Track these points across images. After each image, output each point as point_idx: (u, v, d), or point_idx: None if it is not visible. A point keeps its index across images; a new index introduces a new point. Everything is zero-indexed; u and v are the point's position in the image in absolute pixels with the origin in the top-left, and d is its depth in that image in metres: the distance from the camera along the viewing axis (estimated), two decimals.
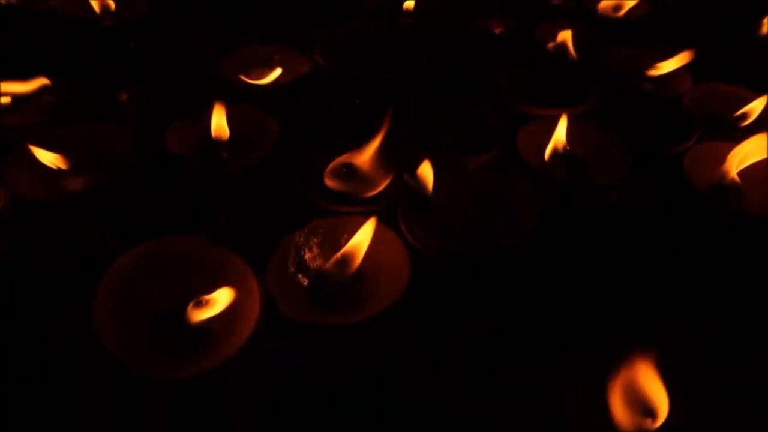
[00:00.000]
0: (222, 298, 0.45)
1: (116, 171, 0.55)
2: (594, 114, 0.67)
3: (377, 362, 0.46)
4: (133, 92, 0.63)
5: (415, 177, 0.53)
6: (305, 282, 0.50)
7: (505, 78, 0.70)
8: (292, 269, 0.50)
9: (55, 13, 0.81)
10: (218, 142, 0.60)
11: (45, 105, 0.64)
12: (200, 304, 0.45)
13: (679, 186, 0.60)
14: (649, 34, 0.81)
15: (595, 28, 0.81)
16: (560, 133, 0.61)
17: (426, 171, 0.53)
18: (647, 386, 0.39)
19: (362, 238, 0.49)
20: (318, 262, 0.50)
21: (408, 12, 0.83)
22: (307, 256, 0.51)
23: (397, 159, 0.57)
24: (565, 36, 0.77)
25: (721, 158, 0.61)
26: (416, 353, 0.47)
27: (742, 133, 0.68)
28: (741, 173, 0.61)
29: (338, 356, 0.47)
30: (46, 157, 0.55)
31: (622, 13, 0.85)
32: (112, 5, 0.80)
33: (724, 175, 0.61)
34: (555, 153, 0.62)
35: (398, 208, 0.52)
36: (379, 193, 0.54)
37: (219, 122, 0.60)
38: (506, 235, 0.51)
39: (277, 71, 0.70)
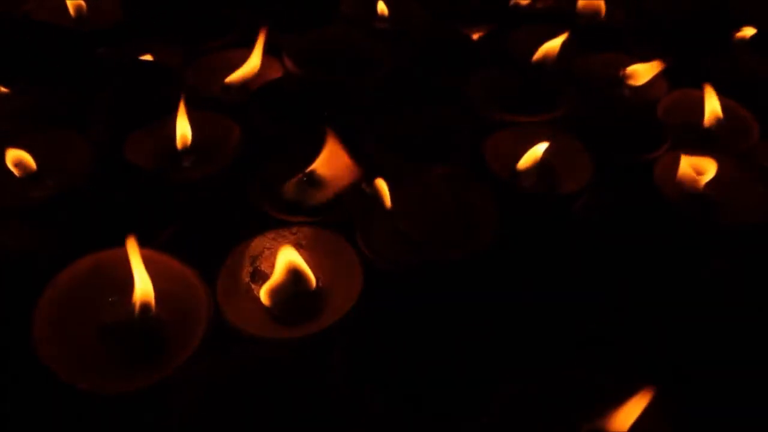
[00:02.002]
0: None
1: (72, 180, 0.54)
2: (566, 120, 0.66)
3: (327, 375, 0.45)
4: (95, 100, 0.62)
5: (373, 186, 0.52)
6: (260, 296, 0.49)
7: (477, 84, 0.69)
8: (247, 280, 0.50)
9: (28, 17, 0.81)
10: (180, 151, 0.59)
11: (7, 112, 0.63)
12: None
13: (650, 195, 0.59)
14: (627, 39, 0.80)
15: (573, 33, 0.80)
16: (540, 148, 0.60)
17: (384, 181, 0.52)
18: None
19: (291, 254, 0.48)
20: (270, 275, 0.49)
21: (383, 17, 0.82)
22: (263, 267, 0.50)
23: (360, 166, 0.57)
24: (556, 44, 0.76)
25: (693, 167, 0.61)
26: (366, 368, 0.46)
27: (714, 140, 0.68)
28: (716, 183, 0.60)
29: (288, 369, 0.46)
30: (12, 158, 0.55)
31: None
32: (85, 10, 0.80)
33: (693, 184, 0.59)
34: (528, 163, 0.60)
35: (354, 218, 0.51)
36: (337, 203, 0.53)
37: (182, 129, 0.59)
38: (464, 247, 0.50)
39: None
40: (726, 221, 0.57)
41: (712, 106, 0.67)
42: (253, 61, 0.69)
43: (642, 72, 0.71)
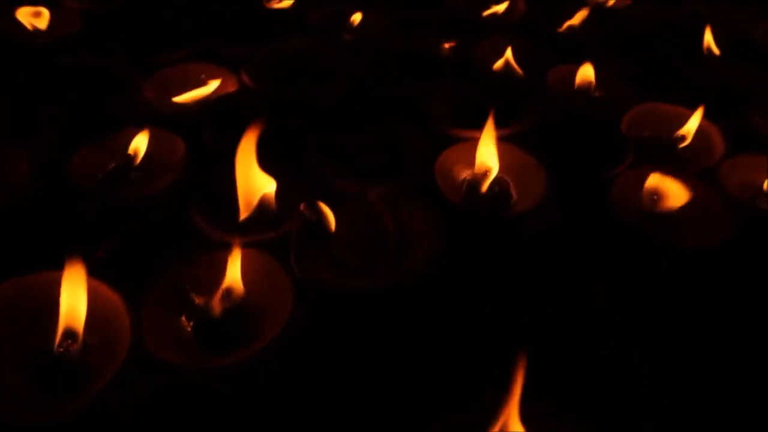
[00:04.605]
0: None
1: (5, 198, 0.53)
2: (527, 135, 0.64)
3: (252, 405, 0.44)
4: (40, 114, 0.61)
5: (312, 207, 0.51)
6: (189, 322, 0.47)
7: (435, 97, 0.68)
8: (178, 304, 0.48)
9: None
10: (124, 168, 0.58)
11: None
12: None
13: (606, 213, 0.58)
14: (597, 50, 0.78)
15: (540, 45, 0.78)
16: (485, 161, 0.58)
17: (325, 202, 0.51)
18: None
19: (233, 272, 0.47)
20: (203, 299, 0.48)
21: (350, 28, 0.81)
22: (193, 292, 0.49)
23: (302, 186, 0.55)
24: (507, 54, 0.75)
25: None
26: (294, 396, 0.44)
27: (680, 155, 0.66)
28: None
29: (212, 396, 0.44)
30: None
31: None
32: (46, 22, 0.79)
33: (652, 203, 0.58)
34: (478, 180, 0.59)
35: (290, 240, 0.50)
36: (277, 224, 0.52)
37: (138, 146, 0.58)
38: (399, 272, 0.48)
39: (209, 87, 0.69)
40: (681, 243, 0.55)
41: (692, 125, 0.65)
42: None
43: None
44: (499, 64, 0.75)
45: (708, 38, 0.76)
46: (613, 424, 0.45)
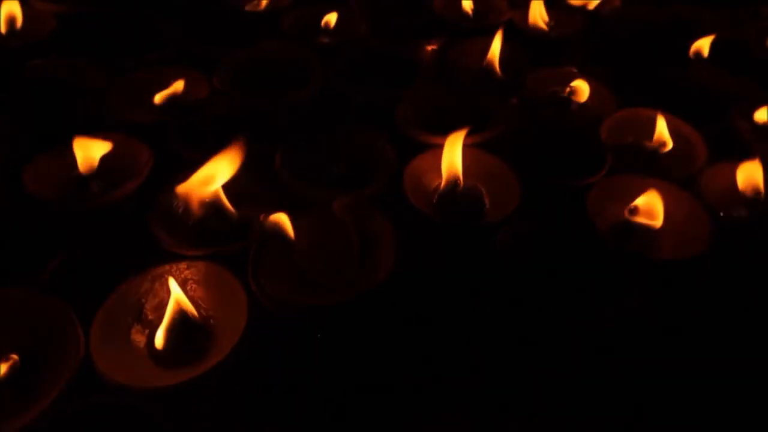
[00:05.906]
0: None
1: None
2: (499, 141, 0.63)
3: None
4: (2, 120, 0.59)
5: (272, 218, 0.49)
6: (143, 336, 0.46)
7: (408, 102, 0.66)
8: (131, 319, 0.47)
9: None
10: (84, 176, 0.56)
11: None
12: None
13: (582, 225, 0.56)
14: (578, 53, 0.76)
15: (520, 47, 0.76)
16: (452, 165, 0.57)
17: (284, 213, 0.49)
18: None
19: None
20: (160, 313, 0.46)
21: (326, 31, 0.79)
22: (150, 305, 0.47)
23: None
24: (492, 56, 0.73)
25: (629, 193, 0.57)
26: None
27: (661, 162, 0.64)
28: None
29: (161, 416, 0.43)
30: None
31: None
32: (19, 24, 0.77)
33: (627, 214, 0.56)
34: (448, 188, 0.57)
35: (251, 252, 0.48)
36: (235, 237, 0.50)
37: (84, 155, 0.56)
38: (358, 285, 0.46)
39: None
40: (657, 256, 0.54)
41: (661, 131, 0.63)
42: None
43: (585, 89, 0.68)
44: (478, 67, 0.73)
45: (700, 42, 0.74)
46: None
